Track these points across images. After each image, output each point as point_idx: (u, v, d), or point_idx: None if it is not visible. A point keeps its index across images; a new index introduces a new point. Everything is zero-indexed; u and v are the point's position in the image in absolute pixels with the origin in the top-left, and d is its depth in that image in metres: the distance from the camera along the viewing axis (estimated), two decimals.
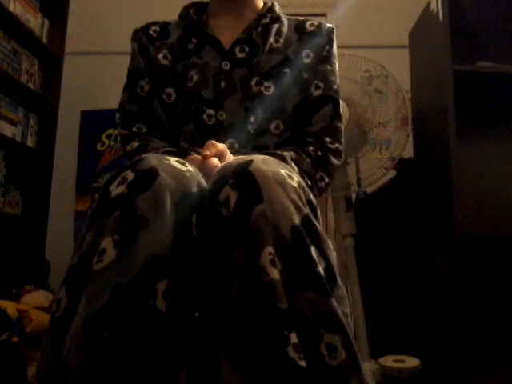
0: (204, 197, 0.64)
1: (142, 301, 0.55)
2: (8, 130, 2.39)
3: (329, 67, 0.98)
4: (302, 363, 0.52)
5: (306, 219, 0.58)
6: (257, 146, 0.90)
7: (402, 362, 1.67)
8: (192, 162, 0.71)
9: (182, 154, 0.84)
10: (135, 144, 0.93)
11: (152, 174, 0.59)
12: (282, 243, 0.56)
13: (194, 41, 0.98)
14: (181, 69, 0.95)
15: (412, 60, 1.99)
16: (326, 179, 0.91)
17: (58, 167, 2.77)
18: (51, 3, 2.73)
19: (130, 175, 0.59)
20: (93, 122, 3.15)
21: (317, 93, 0.96)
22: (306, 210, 0.59)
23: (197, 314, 0.66)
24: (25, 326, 1.63)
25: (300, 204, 0.59)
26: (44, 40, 2.65)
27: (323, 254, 0.59)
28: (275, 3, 1.04)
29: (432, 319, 1.69)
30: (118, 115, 0.98)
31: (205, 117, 0.91)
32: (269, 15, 1.00)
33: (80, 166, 3.05)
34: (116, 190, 0.58)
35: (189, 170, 0.64)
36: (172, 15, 1.08)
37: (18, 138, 2.48)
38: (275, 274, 0.54)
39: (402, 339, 1.92)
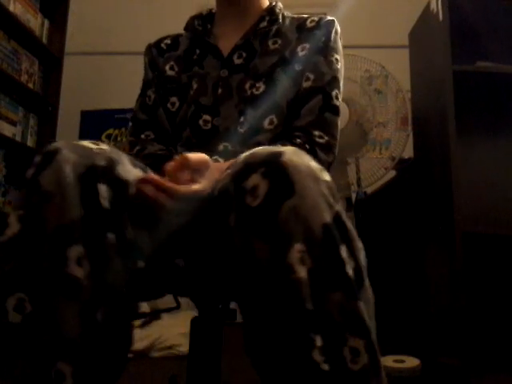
0: (118, 171, 0.65)
1: (55, 268, 0.56)
2: (8, 130, 2.39)
3: (322, 58, 0.94)
4: (325, 367, 0.51)
5: (337, 216, 0.56)
6: (250, 144, 0.89)
7: (402, 362, 1.67)
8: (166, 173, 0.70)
9: (166, 158, 0.85)
10: (135, 148, 0.97)
11: (54, 152, 0.62)
12: (312, 241, 0.54)
13: (198, 51, 1.00)
14: (185, 79, 0.98)
15: (412, 60, 1.99)
16: None
17: None
18: (51, 3, 2.73)
19: (38, 158, 0.62)
20: (93, 121, 3.15)
21: (306, 84, 0.93)
22: (338, 206, 0.57)
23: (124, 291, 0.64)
24: None
25: (331, 200, 0.57)
26: (44, 40, 2.65)
27: (353, 253, 0.57)
28: (278, 3, 1.03)
29: (432, 319, 1.69)
30: (130, 124, 1.03)
31: (201, 122, 0.93)
32: (267, 18, 0.99)
33: None
34: (27, 173, 0.62)
35: (100, 148, 0.66)
36: (172, 15, 1.08)
37: (18, 138, 2.48)
38: (303, 272, 0.52)
39: (402, 339, 1.92)
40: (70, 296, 0.56)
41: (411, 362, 1.67)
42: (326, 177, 0.58)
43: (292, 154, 0.58)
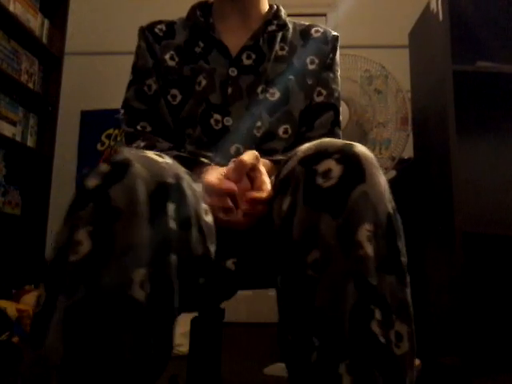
0: (184, 188, 0.64)
1: (119, 291, 0.55)
2: (8, 130, 2.40)
3: (331, 75, 0.99)
4: (382, 339, 0.53)
5: (395, 210, 0.61)
6: (265, 150, 0.90)
7: None
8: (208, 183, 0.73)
9: (191, 161, 0.85)
10: (141, 143, 0.93)
11: (125, 164, 0.59)
12: (378, 224, 0.58)
13: (201, 44, 0.98)
14: (188, 72, 0.96)
15: (412, 60, 1.99)
16: None
17: (58, 167, 2.77)
18: (51, 3, 2.73)
19: (105, 167, 0.59)
20: (93, 121, 3.15)
21: (319, 99, 0.98)
22: (393, 203, 0.62)
23: (177, 306, 0.64)
24: (25, 325, 1.63)
25: (389, 196, 0.61)
26: (44, 40, 2.65)
27: (403, 249, 0.62)
28: (280, 8, 1.04)
29: (432, 319, 1.69)
30: (122, 111, 0.98)
31: (212, 121, 0.92)
32: (275, 22, 1.00)
33: (80, 166, 3.05)
34: (91, 182, 0.58)
35: (166, 162, 0.64)
36: (172, 15, 1.08)
37: (18, 138, 2.49)
38: (370, 249, 0.56)
39: None
40: (130, 319, 0.55)
41: None
42: (384, 175, 0.63)
43: (362, 147, 0.62)
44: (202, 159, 0.86)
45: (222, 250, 0.74)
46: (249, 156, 0.74)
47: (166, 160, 0.65)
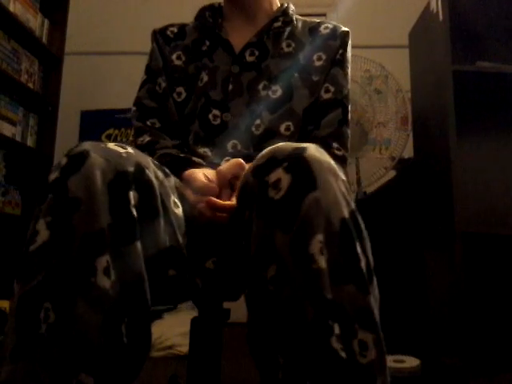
0: (148, 177, 0.65)
1: (82, 278, 0.55)
2: (8, 130, 2.39)
3: (341, 71, 0.97)
4: (343, 354, 0.52)
5: (353, 214, 0.58)
6: (265, 147, 0.90)
7: (402, 362, 1.67)
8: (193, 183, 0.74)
9: (185, 161, 0.85)
10: (146, 138, 0.94)
11: (83, 156, 0.60)
12: (331, 233, 0.55)
13: (207, 43, 0.99)
14: (192, 69, 0.97)
15: (412, 60, 1.99)
16: None
17: None
18: (51, 3, 2.73)
19: (64, 160, 0.60)
20: (93, 121, 3.15)
21: (327, 96, 0.95)
22: (353, 204, 0.59)
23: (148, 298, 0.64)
24: None
25: (348, 198, 0.59)
26: (44, 40, 2.65)
27: (365, 250, 0.58)
28: (290, 5, 1.04)
29: (432, 319, 1.69)
30: (133, 108, 1.00)
31: (210, 116, 0.93)
32: (281, 18, 1.00)
33: None
34: (51, 176, 0.60)
35: (127, 152, 0.65)
36: (172, 15, 1.08)
37: (18, 138, 2.48)
38: (323, 262, 0.54)
39: (402, 339, 1.92)
40: (96, 306, 0.55)
41: (411, 361, 1.67)
42: (343, 176, 0.60)
43: (314, 150, 0.59)
44: (195, 159, 0.86)
45: (201, 250, 0.74)
46: (230, 166, 0.75)
47: (128, 150, 0.65)
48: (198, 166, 0.85)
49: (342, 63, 0.97)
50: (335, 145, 0.92)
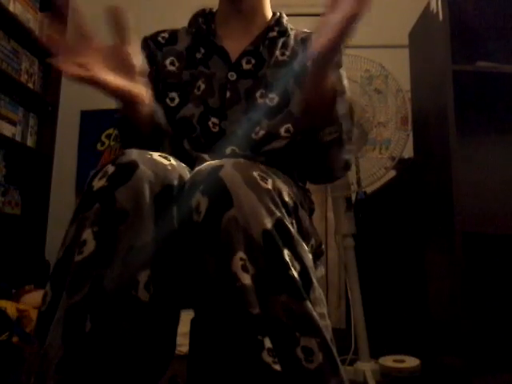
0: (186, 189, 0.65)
1: (124, 291, 0.56)
2: (8, 130, 2.40)
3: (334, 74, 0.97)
4: (277, 367, 0.52)
5: (278, 222, 0.57)
6: (266, 151, 0.91)
7: (402, 361, 1.67)
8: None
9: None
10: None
11: (131, 166, 0.60)
12: (253, 248, 0.55)
13: (202, 50, 1.00)
14: (187, 77, 0.97)
15: (412, 60, 1.99)
16: (347, 156, 0.91)
17: (58, 167, 2.78)
18: (51, 3, 2.73)
19: (111, 169, 0.60)
20: (93, 121, 3.14)
21: None
22: (279, 213, 0.58)
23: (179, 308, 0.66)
24: (25, 325, 1.63)
25: (272, 207, 0.58)
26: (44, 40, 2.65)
27: (298, 256, 0.58)
28: (283, 15, 1.04)
29: (432, 319, 1.69)
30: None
31: (210, 124, 0.93)
32: (277, 28, 1.00)
33: (80, 166, 3.05)
34: (97, 183, 0.60)
35: (171, 164, 0.65)
36: (172, 15, 1.08)
37: (18, 138, 2.49)
38: (247, 279, 0.54)
39: (402, 339, 1.92)
40: (135, 319, 0.56)
41: (411, 361, 1.67)
42: (269, 184, 0.59)
43: (231, 165, 0.59)
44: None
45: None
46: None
47: (172, 162, 0.66)
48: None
49: (336, 66, 0.97)
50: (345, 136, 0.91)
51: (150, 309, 0.58)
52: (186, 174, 0.67)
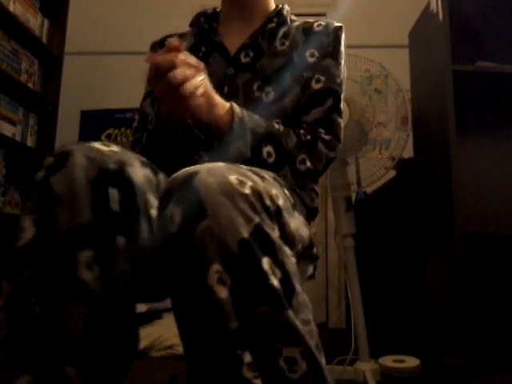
0: (129, 174, 0.66)
1: (63, 271, 0.57)
2: (8, 130, 2.39)
3: (333, 61, 0.96)
4: (258, 382, 0.51)
5: (257, 229, 0.55)
6: None
7: (402, 361, 1.67)
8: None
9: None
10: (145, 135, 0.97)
11: (65, 155, 0.63)
12: (229, 258, 0.53)
13: (203, 49, 1.00)
14: None
15: (412, 60, 1.99)
16: (308, 163, 0.86)
17: None
18: (51, 3, 2.73)
19: (49, 160, 0.63)
20: (93, 121, 3.15)
21: (317, 86, 0.94)
22: (258, 219, 0.55)
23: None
24: None
25: (250, 213, 0.55)
26: (44, 40, 2.65)
27: (278, 263, 0.55)
28: (285, 6, 1.04)
29: (432, 319, 1.69)
30: (137, 117, 1.03)
31: None
32: (275, 19, 1.00)
33: None
34: (38, 175, 0.63)
35: (111, 150, 0.67)
36: (172, 15, 1.08)
37: (18, 138, 2.48)
38: (223, 292, 0.52)
39: (402, 339, 1.92)
40: (79, 299, 0.57)
41: (411, 361, 1.67)
42: (246, 190, 0.56)
43: (205, 173, 0.56)
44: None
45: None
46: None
47: (112, 148, 0.67)
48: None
49: (334, 54, 0.97)
50: (322, 130, 0.90)
51: (96, 290, 0.58)
52: (132, 159, 0.68)
